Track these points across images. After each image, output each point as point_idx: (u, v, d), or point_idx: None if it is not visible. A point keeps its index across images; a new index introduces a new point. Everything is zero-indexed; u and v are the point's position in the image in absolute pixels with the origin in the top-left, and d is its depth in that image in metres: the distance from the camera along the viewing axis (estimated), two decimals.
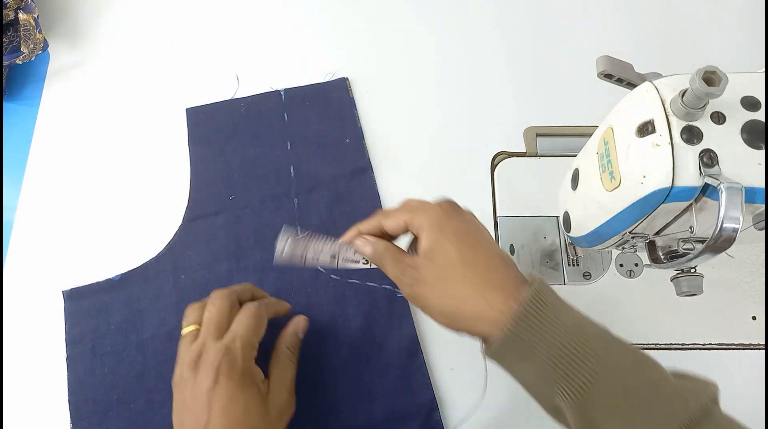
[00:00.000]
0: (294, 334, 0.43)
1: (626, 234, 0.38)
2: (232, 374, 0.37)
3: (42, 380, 0.47)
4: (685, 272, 0.38)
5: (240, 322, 0.40)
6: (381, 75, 0.59)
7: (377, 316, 0.48)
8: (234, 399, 0.36)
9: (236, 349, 0.38)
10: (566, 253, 0.51)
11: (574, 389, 0.30)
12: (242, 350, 0.38)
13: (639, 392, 0.29)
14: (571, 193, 0.42)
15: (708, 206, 0.32)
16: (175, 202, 0.53)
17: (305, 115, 0.57)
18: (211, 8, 0.64)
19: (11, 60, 0.56)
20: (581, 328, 0.31)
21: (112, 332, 0.48)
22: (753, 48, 0.60)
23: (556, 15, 0.63)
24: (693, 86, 0.30)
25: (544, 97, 0.58)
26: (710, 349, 0.48)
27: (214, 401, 0.36)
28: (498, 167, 0.55)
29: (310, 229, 0.52)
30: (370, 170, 0.54)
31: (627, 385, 0.30)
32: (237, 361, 0.38)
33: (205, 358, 0.37)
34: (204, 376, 0.37)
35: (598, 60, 0.38)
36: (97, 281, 0.50)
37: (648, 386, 0.30)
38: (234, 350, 0.38)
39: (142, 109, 0.58)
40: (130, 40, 0.62)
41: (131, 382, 0.47)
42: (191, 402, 0.37)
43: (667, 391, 0.30)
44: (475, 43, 0.61)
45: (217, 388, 0.36)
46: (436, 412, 0.45)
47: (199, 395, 0.36)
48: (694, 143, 0.31)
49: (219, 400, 0.36)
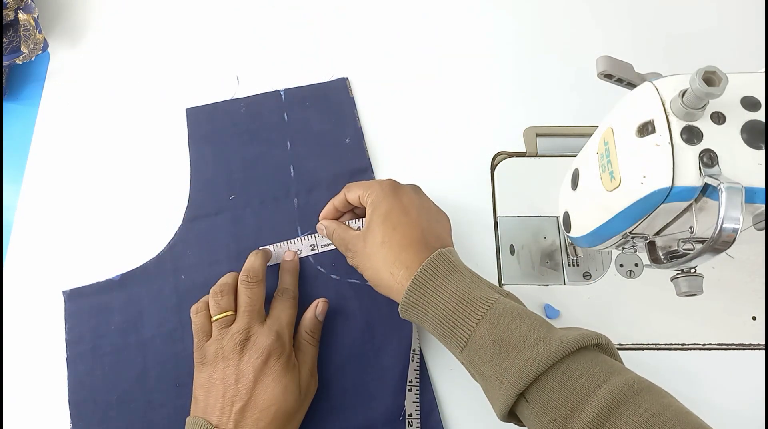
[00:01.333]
0: (313, 317, 0.46)
1: (626, 234, 0.38)
2: (281, 357, 0.41)
3: (42, 380, 0.47)
4: (685, 272, 0.38)
5: (284, 311, 0.45)
6: (381, 75, 0.59)
7: (377, 316, 0.48)
8: (278, 380, 0.41)
9: (285, 337, 0.43)
10: (566, 253, 0.51)
11: (459, 343, 0.37)
12: (289, 338, 0.43)
13: (508, 340, 0.35)
14: (571, 193, 0.42)
15: (708, 206, 0.32)
16: (175, 202, 0.53)
17: (305, 115, 0.57)
18: (212, 8, 0.64)
19: (11, 60, 0.56)
20: (465, 293, 0.38)
21: (112, 332, 0.48)
22: (753, 48, 0.60)
23: (556, 15, 0.63)
24: (693, 86, 0.30)
25: (544, 97, 0.58)
26: (710, 349, 0.48)
27: (261, 380, 0.40)
28: (498, 167, 0.55)
29: (310, 229, 0.52)
30: (370, 170, 0.55)
31: (498, 335, 0.35)
32: (285, 346, 0.42)
33: (257, 341, 0.42)
34: (255, 357, 0.41)
35: (598, 60, 0.38)
36: (97, 281, 0.50)
37: (518, 335, 0.35)
38: (283, 338, 0.43)
39: (142, 109, 0.58)
40: (130, 40, 0.62)
41: (131, 382, 0.47)
42: (234, 379, 0.40)
43: (534, 339, 0.35)
44: (475, 43, 0.61)
45: (265, 369, 0.41)
46: (436, 412, 0.45)
47: (245, 373, 0.40)
48: (694, 143, 0.31)
49: (265, 380, 0.40)
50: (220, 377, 0.41)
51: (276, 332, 0.42)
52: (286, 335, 0.43)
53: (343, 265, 0.50)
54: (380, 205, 0.43)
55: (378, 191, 0.43)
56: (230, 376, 0.41)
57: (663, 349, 0.48)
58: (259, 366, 0.41)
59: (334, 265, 0.50)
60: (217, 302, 0.44)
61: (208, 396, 0.41)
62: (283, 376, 0.41)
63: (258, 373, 0.40)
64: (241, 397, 0.40)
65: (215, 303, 0.44)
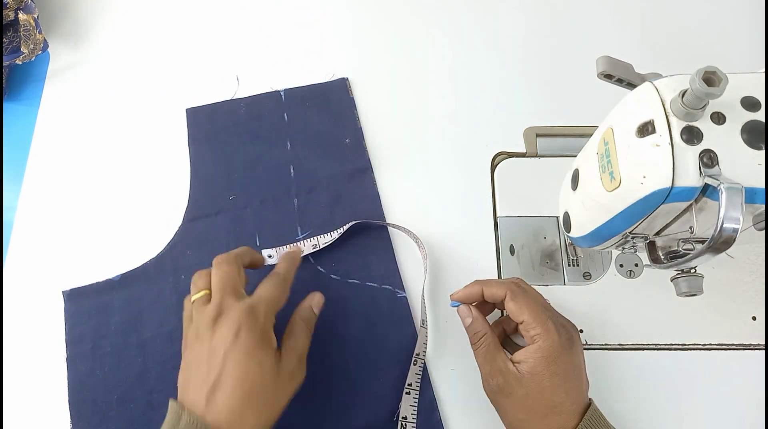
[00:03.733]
0: (309, 308, 0.44)
1: (626, 234, 0.38)
2: (253, 331, 0.38)
3: (42, 380, 0.47)
4: (685, 272, 0.38)
5: (266, 289, 0.41)
6: (381, 75, 0.59)
7: (377, 316, 0.48)
8: (251, 355, 0.37)
9: (260, 310, 0.39)
10: (566, 254, 0.51)
11: None
12: (265, 313, 0.40)
13: None
14: (571, 194, 0.42)
15: (708, 206, 0.32)
16: (175, 202, 0.53)
17: (305, 115, 0.57)
18: (212, 8, 0.64)
19: (11, 60, 0.56)
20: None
21: (112, 332, 0.48)
22: (753, 48, 0.60)
23: (556, 15, 0.63)
24: (693, 86, 0.30)
25: (544, 97, 0.58)
26: (710, 349, 0.48)
27: (230, 354, 0.37)
28: (498, 167, 0.55)
29: (311, 229, 0.52)
30: (370, 170, 0.54)
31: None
32: (259, 320, 0.39)
33: (228, 315, 0.39)
34: (226, 331, 0.38)
35: (598, 60, 0.38)
36: (97, 281, 0.50)
37: None
38: (257, 310, 0.39)
39: (142, 109, 0.58)
40: (130, 40, 0.62)
41: (131, 382, 0.47)
42: (206, 356, 0.38)
43: None
44: (476, 43, 0.61)
45: (236, 343, 0.37)
46: (436, 412, 0.45)
47: (216, 349, 0.38)
48: (694, 143, 0.31)
49: (236, 354, 0.37)
50: (195, 357, 0.39)
51: (249, 306, 0.39)
52: (261, 310, 0.40)
53: (343, 265, 0.50)
54: (557, 360, 0.39)
55: (555, 341, 0.39)
56: (203, 354, 0.38)
57: (663, 349, 0.48)
58: (230, 340, 0.37)
59: (334, 265, 0.50)
60: (194, 283, 0.42)
61: (186, 379, 0.39)
62: (257, 351, 0.38)
63: (229, 346, 0.37)
64: (212, 373, 0.37)
65: (193, 285, 0.42)
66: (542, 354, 0.39)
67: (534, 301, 0.41)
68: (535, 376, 0.39)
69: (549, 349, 0.39)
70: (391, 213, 0.53)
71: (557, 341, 0.39)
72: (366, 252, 0.51)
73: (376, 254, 0.51)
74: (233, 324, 0.38)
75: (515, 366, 0.40)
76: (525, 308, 0.40)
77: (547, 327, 0.39)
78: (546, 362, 0.38)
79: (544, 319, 0.40)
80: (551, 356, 0.39)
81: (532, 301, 0.41)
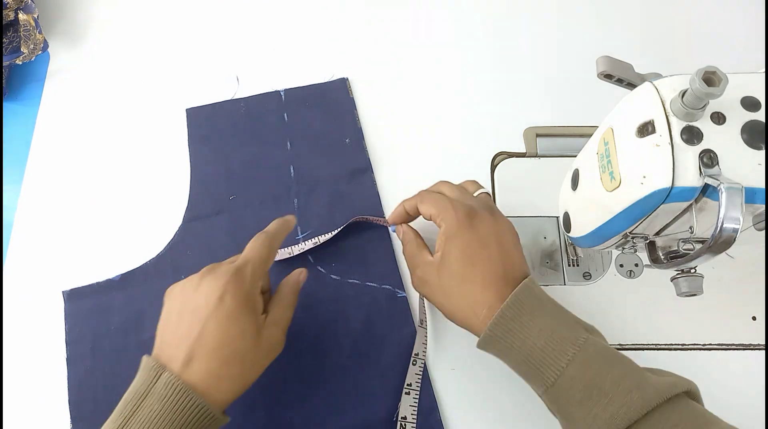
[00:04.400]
0: (296, 281, 0.44)
1: (626, 234, 0.38)
2: (237, 294, 0.37)
3: (42, 380, 0.47)
4: (685, 272, 0.38)
5: (253, 249, 0.40)
6: (381, 75, 0.59)
7: (377, 316, 0.48)
8: (233, 318, 0.37)
9: (246, 273, 0.38)
10: (566, 254, 0.51)
11: (545, 382, 0.36)
12: (251, 276, 0.39)
13: (600, 386, 0.34)
14: (571, 194, 0.42)
15: (708, 206, 0.32)
16: (175, 202, 0.53)
17: (305, 116, 0.57)
18: (211, 8, 0.64)
19: (11, 60, 0.56)
20: (554, 330, 0.36)
21: (112, 332, 0.48)
22: (753, 48, 0.60)
23: (556, 15, 0.63)
24: (693, 86, 0.30)
25: (544, 97, 0.58)
26: (710, 349, 0.48)
27: (212, 316, 0.36)
28: (498, 167, 0.55)
29: (310, 229, 0.52)
30: (370, 170, 0.54)
31: (590, 379, 0.34)
32: (245, 283, 0.38)
33: (215, 273, 0.38)
34: (209, 291, 0.37)
35: (598, 60, 0.38)
36: (97, 281, 0.50)
37: (610, 381, 0.34)
38: (244, 273, 0.38)
39: (142, 109, 0.58)
40: (130, 40, 0.62)
41: (131, 382, 0.46)
42: (189, 312, 0.37)
43: (627, 385, 0.33)
44: (476, 43, 0.61)
45: (220, 306, 0.36)
46: (436, 412, 0.45)
47: (199, 309, 0.37)
48: (694, 143, 0.31)
49: (219, 318, 0.36)
50: (176, 309, 0.38)
51: (236, 267, 0.38)
52: (248, 272, 0.38)
53: (343, 265, 0.50)
54: (456, 236, 0.40)
55: (452, 219, 0.40)
56: (186, 308, 0.37)
57: (663, 349, 0.48)
58: (213, 302, 0.36)
59: (334, 265, 0.50)
60: None
61: (164, 332, 0.38)
62: (240, 315, 0.37)
63: (212, 309, 0.36)
64: (193, 333, 0.36)
65: None
66: (444, 235, 0.40)
67: (438, 195, 0.42)
68: (444, 257, 0.40)
69: (448, 228, 0.40)
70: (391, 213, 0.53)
71: (454, 218, 0.40)
72: (366, 252, 0.51)
73: (376, 254, 0.51)
74: (218, 285, 0.37)
75: (431, 256, 0.42)
76: (429, 203, 0.42)
77: (445, 208, 0.41)
78: (447, 240, 0.40)
79: (444, 204, 0.41)
80: (450, 233, 0.40)
81: (436, 195, 0.43)
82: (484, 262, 0.39)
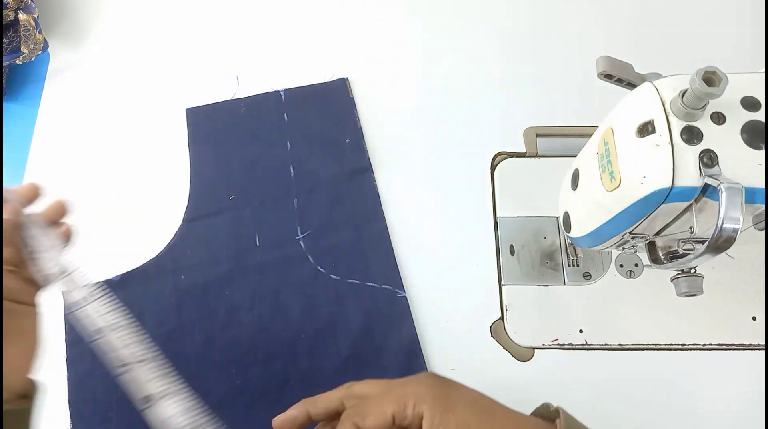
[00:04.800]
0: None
1: (626, 234, 0.38)
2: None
3: (42, 380, 0.47)
4: (685, 272, 0.38)
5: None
6: (381, 75, 0.59)
7: (377, 316, 0.48)
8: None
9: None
10: (566, 254, 0.51)
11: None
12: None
13: None
14: (571, 194, 0.42)
15: (708, 206, 0.32)
16: (175, 202, 0.53)
17: (305, 116, 0.57)
18: (212, 8, 0.64)
19: (11, 60, 0.56)
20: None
21: None
22: (753, 48, 0.60)
23: (556, 15, 0.63)
24: (693, 86, 0.30)
25: (544, 97, 0.58)
26: (710, 350, 0.48)
27: None
28: (498, 167, 0.55)
29: (310, 229, 0.52)
30: (370, 170, 0.54)
31: None
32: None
33: None
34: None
35: (598, 60, 0.38)
36: (97, 281, 0.50)
37: None
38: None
39: (142, 109, 0.58)
40: (130, 41, 0.62)
41: None
42: None
43: None
44: (475, 43, 0.61)
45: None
46: None
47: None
48: (694, 143, 0.31)
49: None
50: None
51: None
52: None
53: (343, 265, 0.50)
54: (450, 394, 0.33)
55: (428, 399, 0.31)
56: None
57: (663, 349, 0.48)
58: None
59: (334, 265, 0.50)
60: None
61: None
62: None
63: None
64: None
65: None
66: (434, 398, 0.32)
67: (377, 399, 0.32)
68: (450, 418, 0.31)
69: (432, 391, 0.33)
70: (391, 213, 0.53)
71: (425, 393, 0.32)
72: (366, 252, 0.51)
73: (376, 254, 0.51)
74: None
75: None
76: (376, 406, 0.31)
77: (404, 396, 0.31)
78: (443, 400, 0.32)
79: (401, 392, 0.32)
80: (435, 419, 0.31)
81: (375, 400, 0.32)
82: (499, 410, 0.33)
